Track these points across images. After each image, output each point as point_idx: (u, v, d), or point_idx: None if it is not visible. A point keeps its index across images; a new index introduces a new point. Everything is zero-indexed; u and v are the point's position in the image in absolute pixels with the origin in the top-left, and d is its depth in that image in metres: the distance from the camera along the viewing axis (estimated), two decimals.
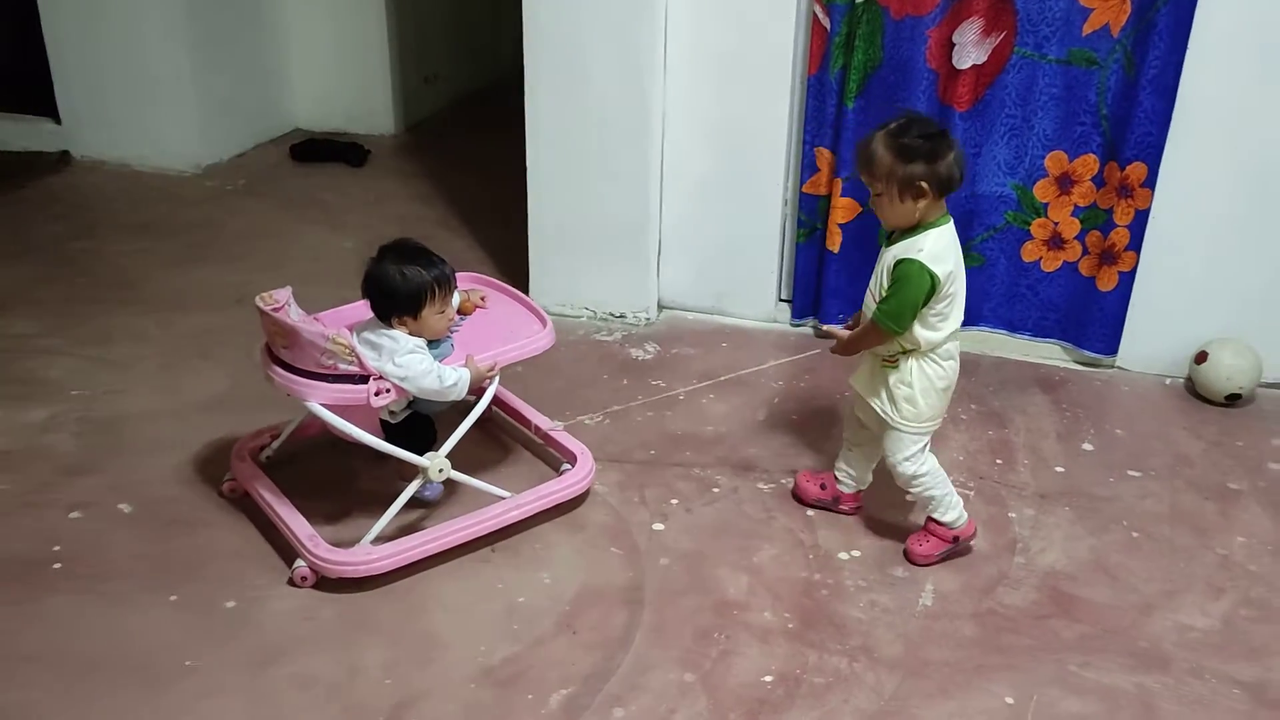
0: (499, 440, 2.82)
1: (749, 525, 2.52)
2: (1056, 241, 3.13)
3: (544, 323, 2.55)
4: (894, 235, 2.19)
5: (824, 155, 3.18)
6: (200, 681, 2.03)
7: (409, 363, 2.20)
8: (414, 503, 2.40)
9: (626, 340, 3.35)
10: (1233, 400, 3.01)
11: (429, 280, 2.23)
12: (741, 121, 3.25)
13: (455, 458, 2.37)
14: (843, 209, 3.17)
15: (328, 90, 5.13)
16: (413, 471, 2.35)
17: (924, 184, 2.08)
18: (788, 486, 2.63)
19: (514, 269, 3.58)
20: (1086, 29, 2.90)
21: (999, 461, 2.77)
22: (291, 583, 2.26)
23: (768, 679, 2.07)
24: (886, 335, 2.19)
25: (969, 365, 3.22)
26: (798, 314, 3.39)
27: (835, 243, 3.21)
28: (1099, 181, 3.04)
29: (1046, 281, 3.19)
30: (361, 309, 2.39)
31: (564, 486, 2.51)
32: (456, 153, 5.04)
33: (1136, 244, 3.03)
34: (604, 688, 2.05)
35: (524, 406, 2.79)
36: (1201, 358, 3.03)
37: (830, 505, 2.54)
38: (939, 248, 2.12)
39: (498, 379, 2.40)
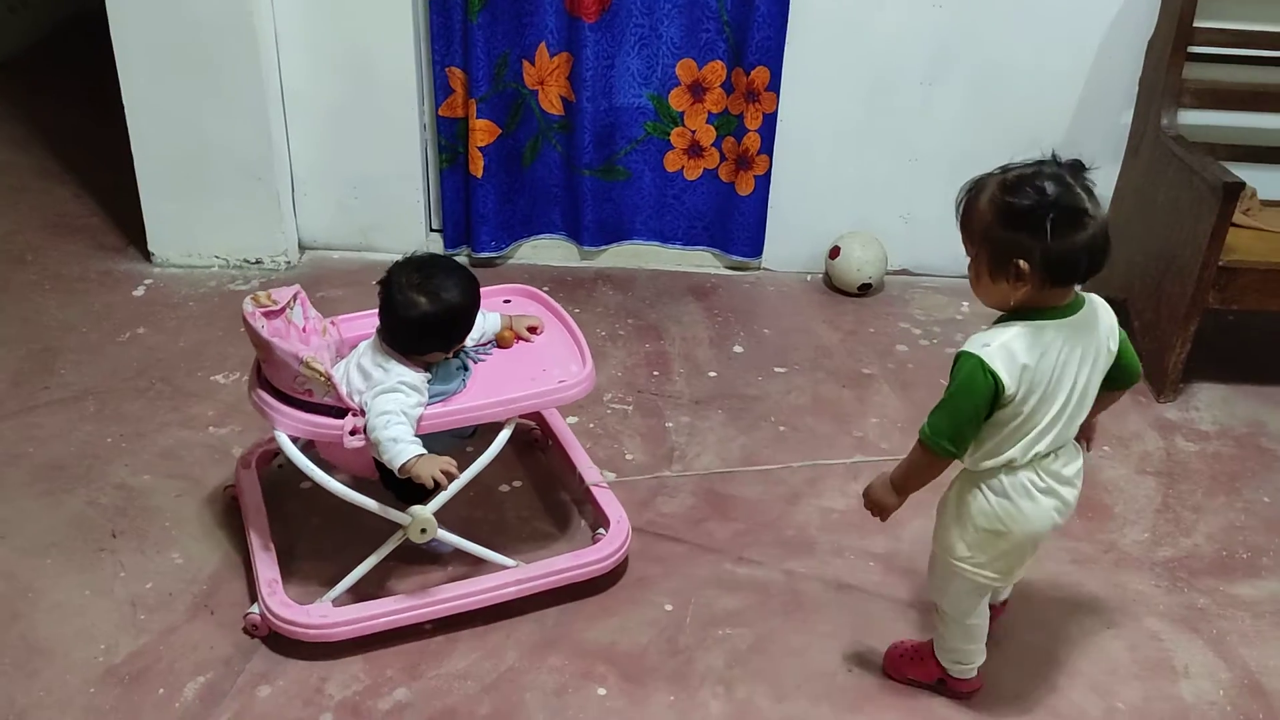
0: (547, 488, 2.36)
1: None
2: (695, 150, 3.17)
3: (583, 362, 2.01)
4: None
5: (456, 75, 3.04)
6: None
7: (377, 404, 1.80)
8: (424, 555, 2.06)
9: (266, 287, 3.09)
10: (865, 290, 3.20)
11: (443, 321, 1.86)
12: (365, 43, 3.03)
13: (476, 504, 2.13)
14: (481, 131, 3.05)
15: None
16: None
17: (1023, 263, 1.49)
18: None
19: (128, 219, 3.21)
20: None
21: (655, 373, 2.80)
22: (245, 630, 1.94)
23: (428, 627, 1.98)
24: (940, 459, 1.61)
25: (624, 280, 3.25)
26: (450, 243, 3.25)
27: (478, 167, 3.09)
28: (728, 88, 3.09)
29: (691, 190, 3.23)
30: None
31: (580, 564, 2.04)
32: (55, 90, 4.44)
33: (768, 147, 3.12)
34: (247, 667, 1.89)
35: (577, 452, 2.30)
36: (834, 252, 3.19)
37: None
38: (1019, 345, 1.53)
39: (509, 429, 1.94)
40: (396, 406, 1.80)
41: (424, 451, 1.79)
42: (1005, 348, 1.52)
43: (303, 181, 3.19)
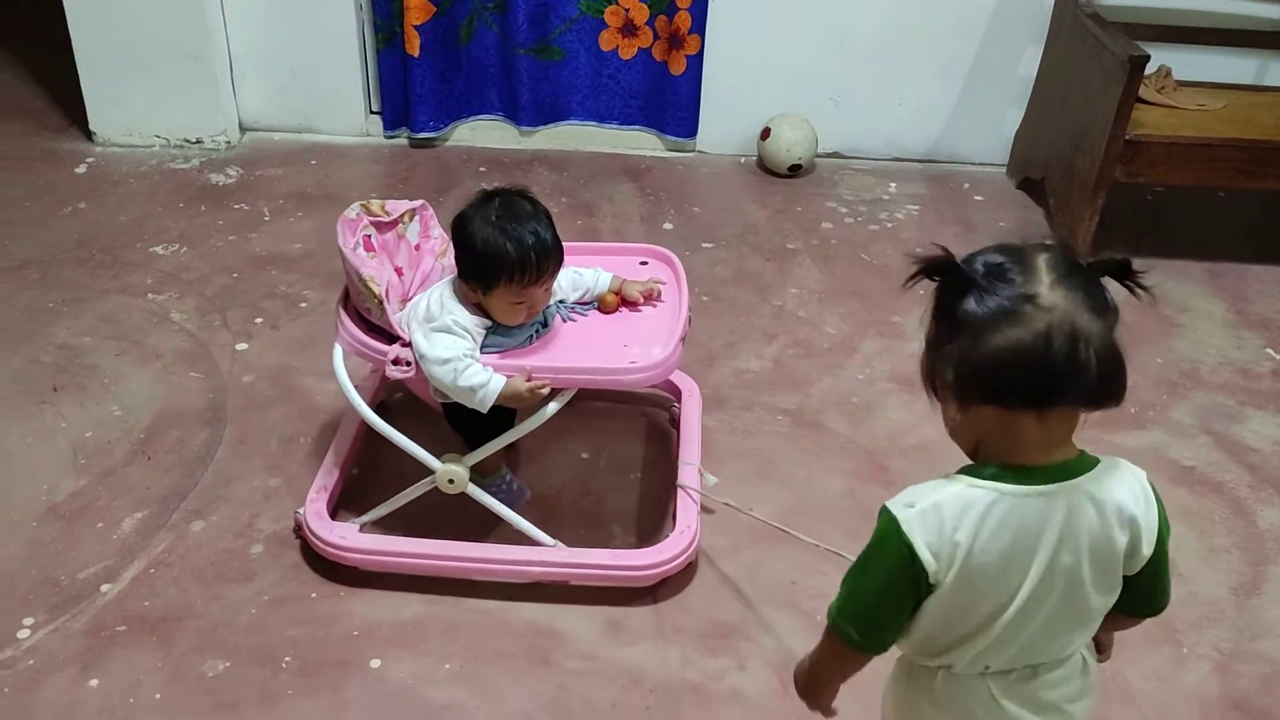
0: (655, 473, 2.16)
1: None
2: (630, 28, 3.22)
3: (668, 348, 1.78)
4: None
5: None
6: None
7: (433, 341, 1.71)
8: (503, 499, 1.91)
9: (206, 166, 3.15)
10: (795, 171, 3.28)
11: (510, 259, 1.68)
12: None
13: (549, 476, 2.00)
14: (416, 9, 3.08)
15: None
16: (489, 465, 1.92)
17: (948, 371, 1.03)
18: None
19: (70, 100, 3.24)
20: None
21: None
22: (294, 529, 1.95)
23: (355, 471, 2.10)
24: (847, 651, 1.14)
25: (560, 162, 3.32)
26: (389, 125, 3.31)
27: (414, 46, 3.13)
28: None
29: (626, 69, 3.29)
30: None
31: (619, 565, 1.85)
32: None
33: (699, 27, 3.17)
34: (182, 504, 2.01)
35: (690, 447, 2.07)
36: (765, 134, 3.27)
37: None
38: (955, 511, 1.04)
39: (560, 400, 1.78)
40: (456, 351, 1.70)
41: (503, 379, 1.71)
42: (934, 512, 1.04)
43: (242, 62, 3.22)
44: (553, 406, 1.78)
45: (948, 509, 1.04)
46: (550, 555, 1.87)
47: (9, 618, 1.76)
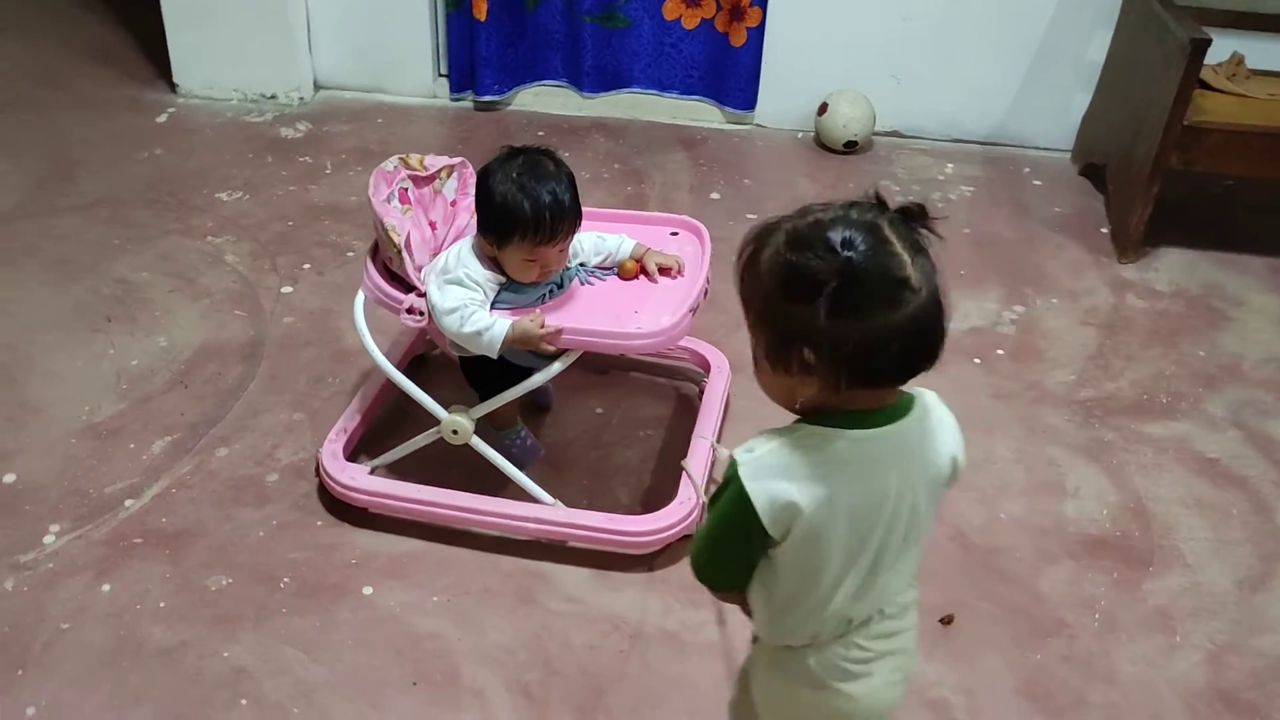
0: (674, 441, 2.15)
1: None
2: None
3: (674, 317, 1.79)
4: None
5: None
6: None
7: (445, 292, 1.75)
8: (511, 457, 1.95)
9: (277, 120, 3.29)
10: (850, 147, 3.26)
11: (524, 215, 1.70)
12: None
13: (571, 441, 2.01)
14: None
15: None
16: (505, 419, 1.98)
17: (808, 352, 0.99)
18: None
19: (158, 53, 3.41)
20: None
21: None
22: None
23: (381, 417, 2.18)
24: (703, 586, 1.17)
25: (617, 129, 3.36)
26: (455, 88, 3.39)
27: (481, 10, 3.20)
28: None
29: (688, 39, 3.31)
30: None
31: (614, 530, 1.86)
32: None
33: (761, 0, 3.17)
34: (210, 432, 2.12)
35: (706, 420, 2.07)
36: (822, 109, 3.26)
37: None
38: (783, 462, 1.03)
39: (565, 360, 1.79)
40: (463, 299, 1.73)
41: (508, 321, 1.72)
42: (773, 463, 1.03)
43: (319, 23, 3.33)
44: (557, 365, 1.79)
45: (776, 459, 1.03)
46: (548, 514, 1.89)
47: (37, 524, 1.89)
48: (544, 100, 3.43)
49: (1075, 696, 1.71)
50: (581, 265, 1.90)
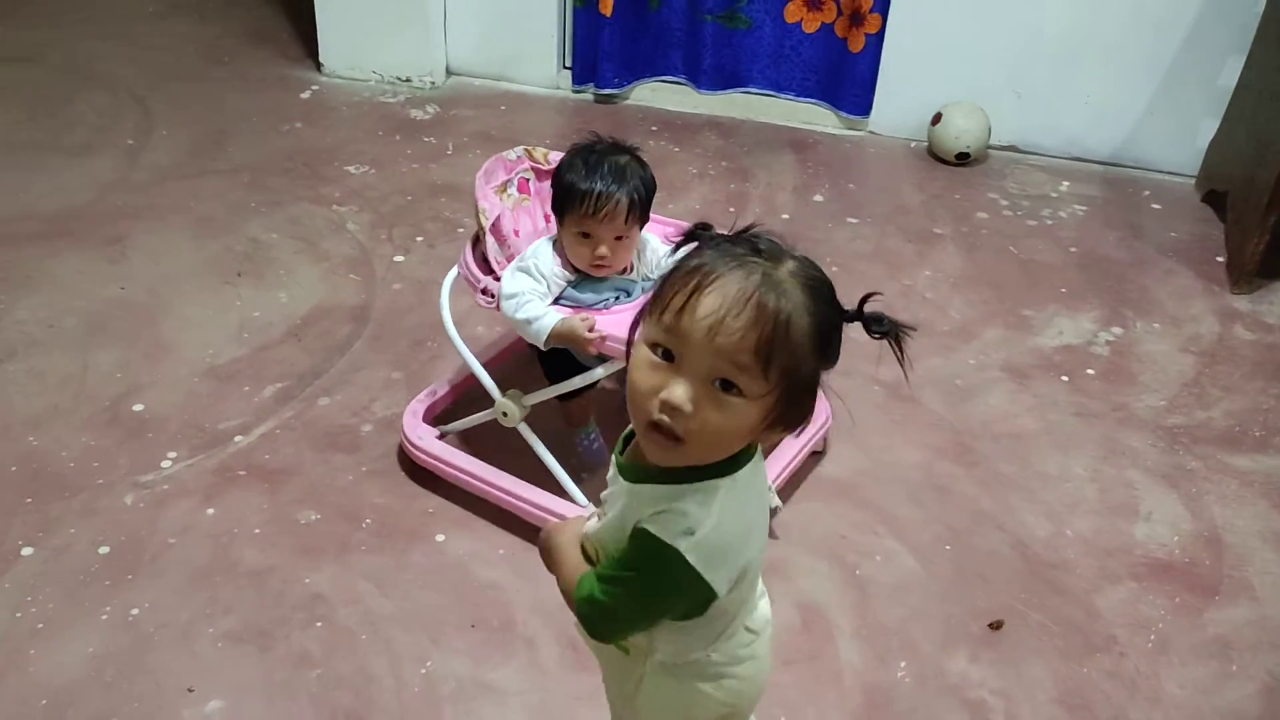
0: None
1: None
2: (814, 2, 3.28)
3: None
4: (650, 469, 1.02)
5: None
6: None
7: (512, 279, 1.80)
8: (575, 456, 2.04)
9: (409, 103, 3.47)
10: (963, 159, 3.26)
11: (577, 186, 1.74)
12: None
13: None
14: None
15: None
16: (579, 417, 2.05)
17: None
18: None
19: (309, 34, 3.64)
20: None
21: (731, 209, 3.00)
22: None
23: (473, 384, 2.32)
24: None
25: (730, 128, 3.43)
26: (577, 80, 3.52)
27: (607, 6, 3.32)
28: None
29: (808, 42, 3.36)
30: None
31: None
32: None
33: (882, 6, 3.19)
34: (315, 382, 2.29)
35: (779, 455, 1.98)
36: (936, 119, 3.26)
37: None
38: (723, 524, 0.99)
39: (608, 368, 1.82)
40: (524, 287, 1.78)
41: (559, 315, 1.76)
42: (715, 548, 0.99)
43: (456, 10, 3.51)
44: (599, 371, 1.83)
45: (723, 525, 0.99)
46: (575, 512, 1.84)
47: (158, 450, 2.08)
48: (661, 96, 3.53)
49: (1116, 712, 1.71)
50: (645, 276, 1.89)
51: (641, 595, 1.03)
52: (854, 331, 1.10)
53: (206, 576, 1.83)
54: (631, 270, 1.88)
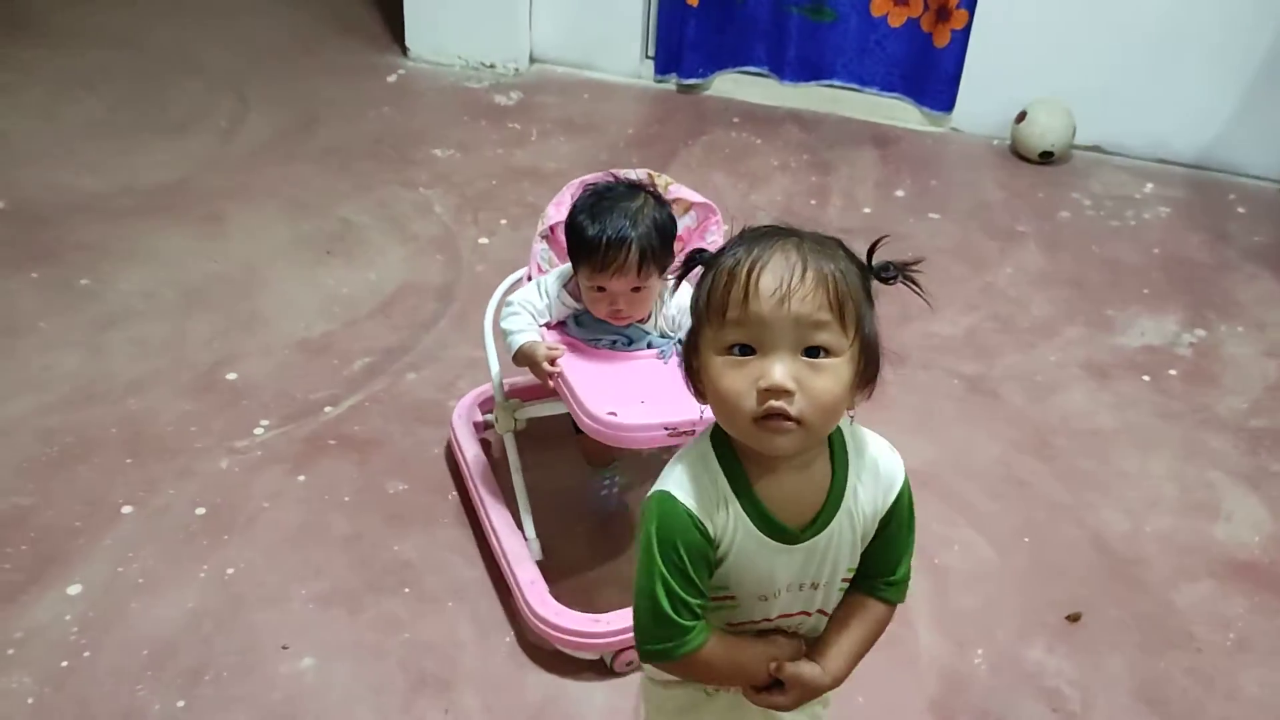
0: None
1: None
2: None
3: (650, 420, 1.56)
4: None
5: None
6: (45, 338, 2.32)
7: (523, 287, 1.81)
8: (595, 498, 2.04)
9: (494, 88, 3.53)
10: (1046, 158, 3.23)
11: (585, 239, 1.63)
12: None
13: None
14: None
15: None
16: (602, 459, 2.03)
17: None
18: None
19: (394, 20, 3.72)
20: None
21: (813, 202, 3.01)
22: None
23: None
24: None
25: (812, 122, 3.44)
26: (660, 69, 3.55)
27: None
28: None
29: (893, 37, 3.36)
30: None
31: (538, 615, 1.69)
32: None
33: (969, 2, 3.18)
34: (403, 358, 2.35)
35: None
36: (1021, 117, 3.24)
37: None
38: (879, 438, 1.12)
39: (553, 407, 1.84)
40: (522, 298, 1.75)
41: (533, 338, 1.70)
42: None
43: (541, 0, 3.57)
44: (548, 408, 1.83)
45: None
46: (513, 547, 1.79)
47: (252, 416, 2.16)
48: (743, 88, 3.55)
49: (1193, 708, 1.71)
50: (679, 342, 1.66)
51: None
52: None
53: (298, 540, 1.90)
54: (649, 319, 1.75)
